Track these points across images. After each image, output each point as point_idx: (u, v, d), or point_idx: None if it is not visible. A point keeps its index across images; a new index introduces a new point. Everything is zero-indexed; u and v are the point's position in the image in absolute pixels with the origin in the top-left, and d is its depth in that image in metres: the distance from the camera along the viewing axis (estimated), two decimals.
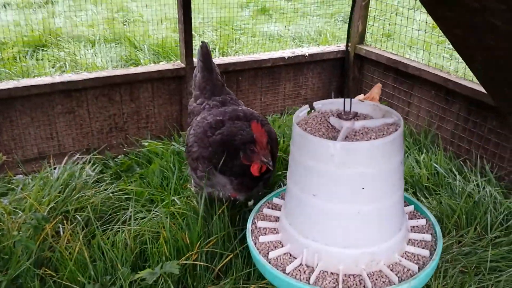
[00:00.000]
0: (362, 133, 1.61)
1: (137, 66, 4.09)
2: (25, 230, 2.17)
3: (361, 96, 2.76)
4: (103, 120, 3.22)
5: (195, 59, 3.35)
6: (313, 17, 5.84)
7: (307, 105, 1.80)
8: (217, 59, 3.55)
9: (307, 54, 3.76)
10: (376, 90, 2.71)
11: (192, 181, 2.34)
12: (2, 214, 2.32)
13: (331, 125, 1.69)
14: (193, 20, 3.19)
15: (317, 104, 1.82)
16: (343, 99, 1.71)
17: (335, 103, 1.84)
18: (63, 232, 2.21)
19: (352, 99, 1.70)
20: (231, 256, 2.09)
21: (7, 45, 4.52)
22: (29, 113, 3.01)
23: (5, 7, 5.37)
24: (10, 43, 4.54)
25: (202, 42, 2.60)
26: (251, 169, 1.99)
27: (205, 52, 2.56)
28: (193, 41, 3.28)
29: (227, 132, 2.09)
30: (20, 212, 2.35)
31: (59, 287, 2.02)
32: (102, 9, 5.39)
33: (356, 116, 1.67)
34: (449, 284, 1.98)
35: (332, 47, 3.95)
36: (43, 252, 2.15)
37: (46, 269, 2.06)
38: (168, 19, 4.92)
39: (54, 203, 2.39)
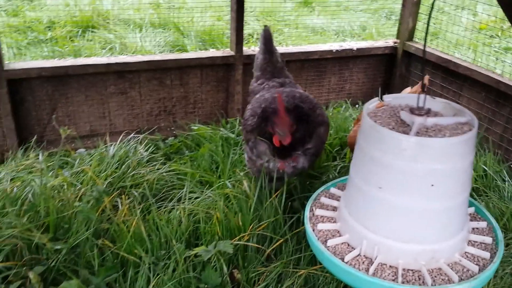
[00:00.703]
0: (434, 130, 1.61)
1: (183, 52, 4.16)
2: (86, 202, 2.27)
3: (408, 89, 2.72)
4: (153, 102, 3.30)
5: (245, 48, 3.40)
6: (356, 12, 5.77)
7: (377, 98, 1.81)
8: None
9: (354, 49, 3.73)
10: (424, 82, 2.67)
11: (245, 155, 2.42)
12: (62, 186, 2.44)
13: (401, 120, 1.69)
14: None
15: (387, 98, 1.82)
16: (415, 94, 1.71)
17: (405, 98, 1.84)
18: (121, 206, 2.30)
19: (425, 96, 1.70)
20: (281, 240, 2.14)
21: (58, 25, 4.66)
22: (84, 91, 3.11)
23: None
24: (61, 22, 4.68)
25: (264, 26, 2.71)
26: (273, 139, 2.12)
27: (267, 35, 2.68)
28: None
29: (268, 101, 2.27)
30: (79, 184, 2.46)
31: (116, 257, 2.09)
32: None
33: (428, 112, 1.67)
34: (499, 284, 2.00)
35: (380, 43, 3.91)
36: (101, 223, 2.24)
37: (104, 240, 2.15)
38: (213, 7, 4.96)
39: (112, 179, 2.49)
